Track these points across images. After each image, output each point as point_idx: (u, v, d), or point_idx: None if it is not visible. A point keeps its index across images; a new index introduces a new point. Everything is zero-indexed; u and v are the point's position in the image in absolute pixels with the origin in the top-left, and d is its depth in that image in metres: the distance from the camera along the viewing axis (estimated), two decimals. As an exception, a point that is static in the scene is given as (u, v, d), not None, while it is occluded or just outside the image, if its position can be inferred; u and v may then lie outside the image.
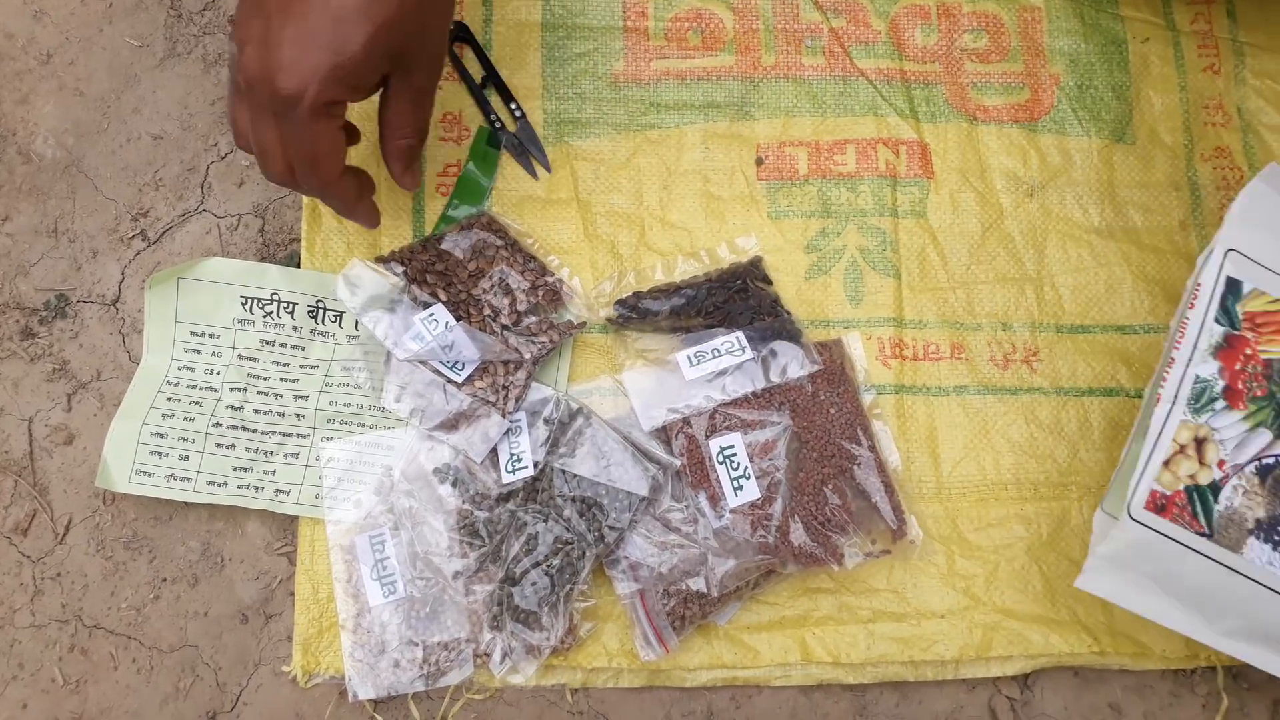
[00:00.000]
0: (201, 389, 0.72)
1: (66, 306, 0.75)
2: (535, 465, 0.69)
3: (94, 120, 0.79)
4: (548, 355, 0.72)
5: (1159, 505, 0.62)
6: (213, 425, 0.71)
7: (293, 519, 0.72)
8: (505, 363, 0.71)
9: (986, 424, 0.75)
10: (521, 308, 0.73)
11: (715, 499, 0.69)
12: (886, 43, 0.83)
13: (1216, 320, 0.63)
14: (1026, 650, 0.70)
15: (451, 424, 0.70)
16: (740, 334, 0.72)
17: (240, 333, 0.73)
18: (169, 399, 0.71)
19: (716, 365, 0.72)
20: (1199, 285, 0.64)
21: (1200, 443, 0.62)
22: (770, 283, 0.76)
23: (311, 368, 0.73)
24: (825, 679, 0.70)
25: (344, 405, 0.72)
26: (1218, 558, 0.62)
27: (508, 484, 0.69)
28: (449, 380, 0.70)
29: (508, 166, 0.78)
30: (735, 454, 0.70)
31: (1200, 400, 0.62)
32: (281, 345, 0.73)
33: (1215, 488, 0.62)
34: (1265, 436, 0.62)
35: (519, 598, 0.67)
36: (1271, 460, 0.62)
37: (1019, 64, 0.83)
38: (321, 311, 0.74)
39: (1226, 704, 0.71)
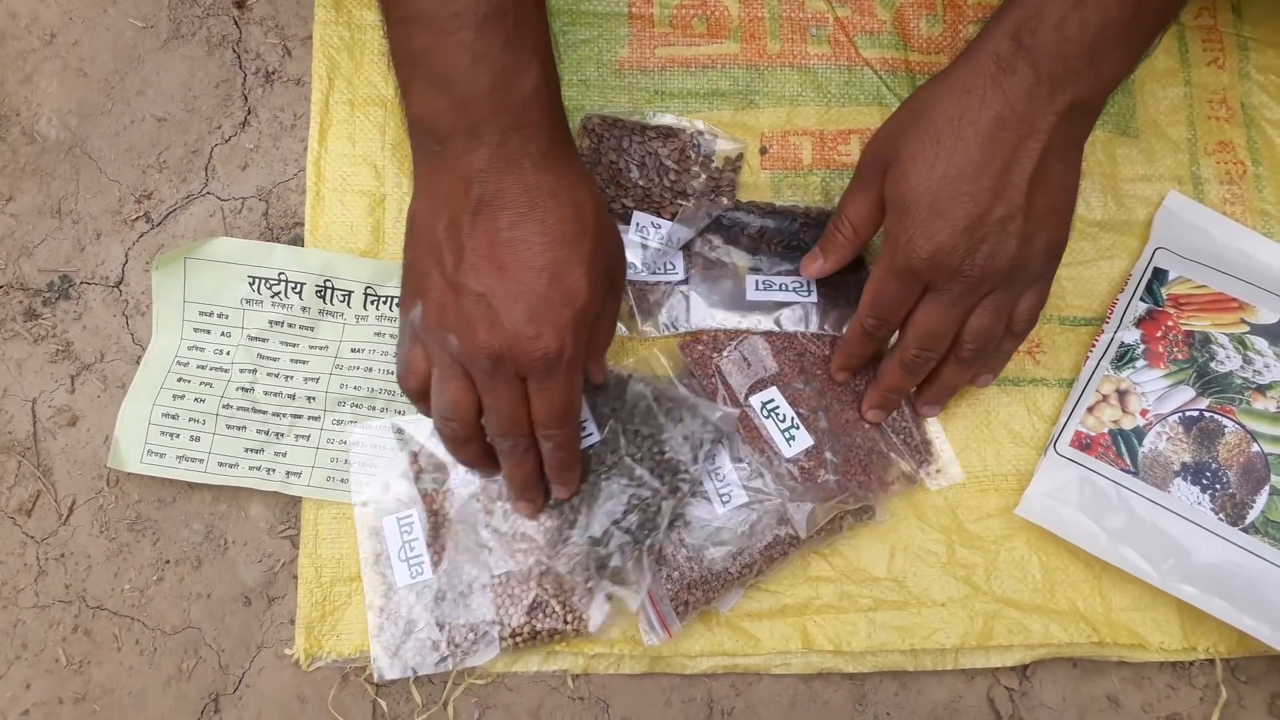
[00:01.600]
0: (211, 369, 0.72)
1: (70, 288, 0.75)
2: (601, 430, 0.70)
3: (98, 101, 0.78)
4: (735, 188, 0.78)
5: (1084, 444, 0.73)
6: (223, 406, 0.71)
7: (296, 502, 0.72)
8: (707, 240, 0.76)
9: (988, 415, 0.76)
10: (683, 169, 0.77)
11: (771, 455, 0.71)
12: (891, 32, 0.83)
13: (1141, 299, 0.76)
14: (1026, 640, 0.71)
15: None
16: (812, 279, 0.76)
17: (249, 313, 0.73)
18: (179, 379, 0.71)
19: (780, 296, 0.75)
20: (1130, 274, 0.78)
21: (1123, 394, 0.74)
22: None
23: (321, 349, 0.73)
24: (825, 667, 0.71)
25: (354, 388, 0.72)
26: (1145, 494, 0.72)
27: None
28: (672, 282, 0.75)
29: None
30: (778, 407, 0.72)
31: (1123, 360, 0.75)
32: (290, 326, 0.73)
33: (1140, 433, 0.73)
34: (1188, 393, 0.74)
35: (604, 556, 0.68)
36: (1195, 413, 0.73)
37: (1024, 55, 0.83)
38: (330, 291, 0.74)
39: (1225, 697, 0.72)
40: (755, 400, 0.72)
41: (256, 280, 0.73)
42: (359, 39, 0.79)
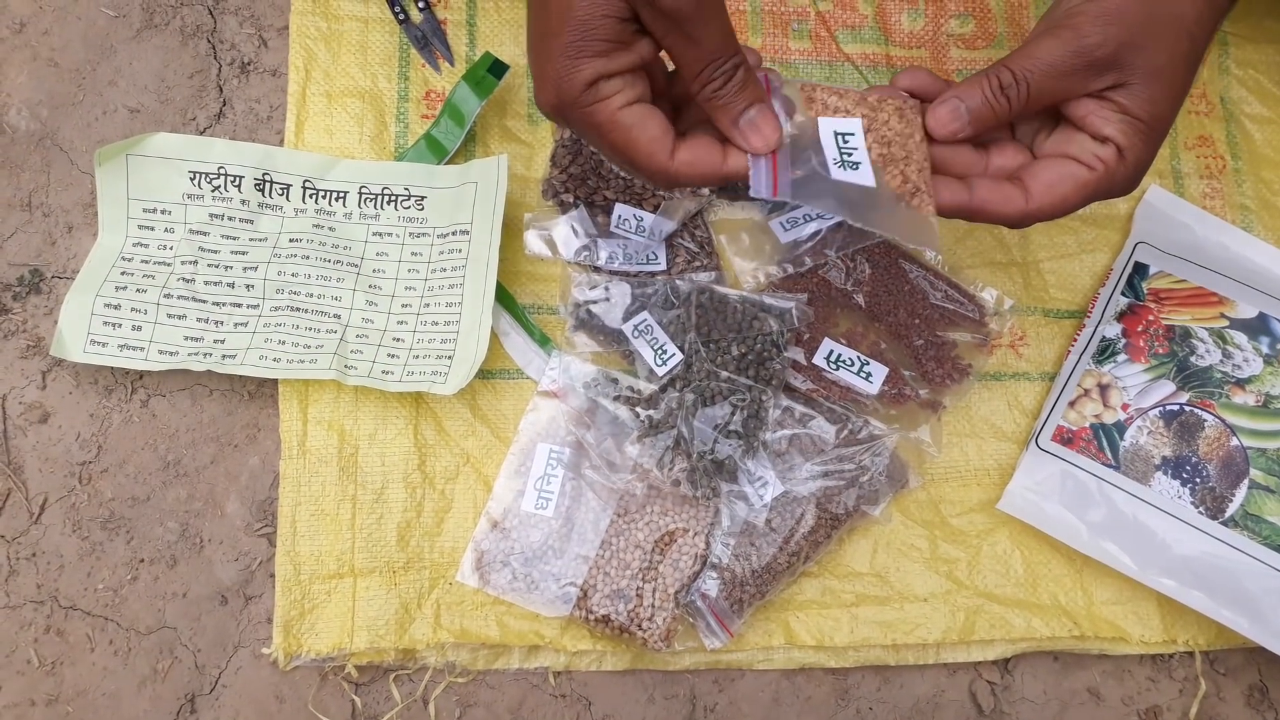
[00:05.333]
0: (155, 264, 0.73)
1: (41, 282, 0.74)
2: (682, 349, 0.71)
3: (69, 92, 0.77)
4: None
5: (1065, 438, 0.73)
6: (164, 296, 0.72)
7: (273, 500, 0.71)
8: (690, 233, 0.76)
9: (970, 409, 0.76)
10: None
11: (857, 400, 0.73)
12: (873, 27, 0.82)
13: (1123, 294, 0.76)
14: (1008, 634, 0.71)
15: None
16: None
17: (190, 208, 0.74)
18: (122, 273, 0.72)
19: (810, 228, 0.76)
20: (1112, 269, 0.78)
21: (1104, 388, 0.74)
22: None
23: (260, 240, 0.74)
24: (808, 663, 0.71)
25: (292, 275, 0.73)
26: (1126, 488, 0.72)
27: (664, 375, 0.71)
28: (655, 275, 0.74)
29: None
30: (841, 355, 0.73)
31: (1104, 354, 0.75)
32: (230, 219, 0.74)
33: (1121, 427, 0.73)
34: (1168, 387, 0.74)
35: (718, 461, 0.69)
36: (1175, 407, 0.74)
37: (1005, 50, 0.83)
38: (268, 185, 0.75)
39: (1204, 689, 0.72)
40: (818, 359, 0.73)
41: (197, 175, 0.74)
42: (336, 30, 0.78)
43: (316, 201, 0.75)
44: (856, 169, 0.56)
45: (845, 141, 0.56)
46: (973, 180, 0.58)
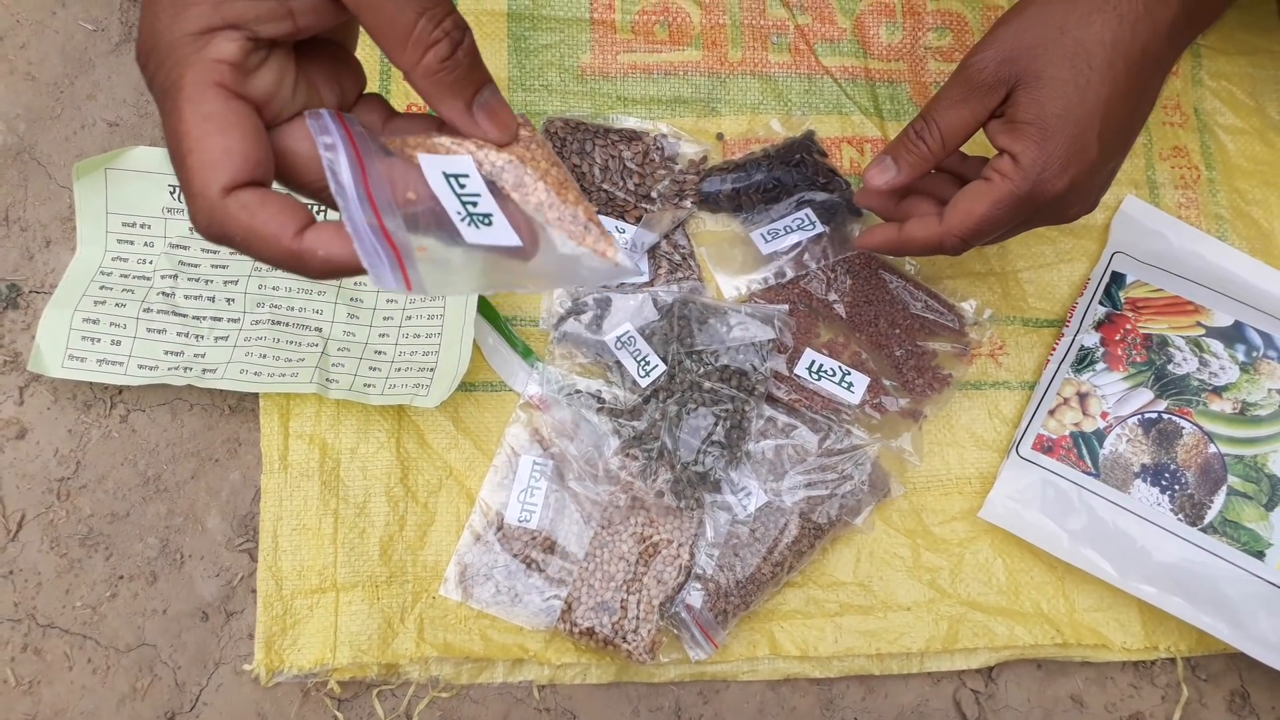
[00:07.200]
0: (134, 278, 0.72)
1: (18, 297, 0.73)
2: (665, 360, 0.71)
3: (46, 106, 0.77)
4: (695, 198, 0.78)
5: (1045, 446, 0.74)
6: (144, 310, 0.71)
7: (254, 514, 0.70)
8: (672, 244, 0.76)
9: (951, 418, 0.76)
10: (647, 173, 0.77)
11: (838, 410, 0.73)
12: (851, 40, 0.83)
13: (1100, 303, 0.77)
14: (991, 642, 0.71)
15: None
16: (809, 211, 0.76)
17: (170, 221, 0.73)
18: (101, 287, 0.72)
19: (792, 239, 0.77)
20: (1089, 278, 0.79)
21: (1083, 397, 0.75)
22: (825, 155, 0.79)
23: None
24: (792, 673, 0.71)
25: (273, 288, 0.73)
26: (1106, 495, 0.73)
27: (647, 386, 0.71)
28: (638, 286, 0.74)
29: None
30: (823, 365, 0.73)
31: (1083, 363, 0.76)
32: None
33: (1100, 435, 0.74)
34: (1146, 395, 0.75)
35: (702, 473, 0.69)
36: (1154, 415, 0.74)
37: (982, 63, 0.84)
38: None
39: (1186, 695, 0.72)
40: (800, 368, 0.73)
41: (177, 189, 0.73)
42: (316, 43, 0.78)
43: None
44: (490, 223, 0.41)
45: (462, 187, 0.42)
46: (909, 220, 0.64)
